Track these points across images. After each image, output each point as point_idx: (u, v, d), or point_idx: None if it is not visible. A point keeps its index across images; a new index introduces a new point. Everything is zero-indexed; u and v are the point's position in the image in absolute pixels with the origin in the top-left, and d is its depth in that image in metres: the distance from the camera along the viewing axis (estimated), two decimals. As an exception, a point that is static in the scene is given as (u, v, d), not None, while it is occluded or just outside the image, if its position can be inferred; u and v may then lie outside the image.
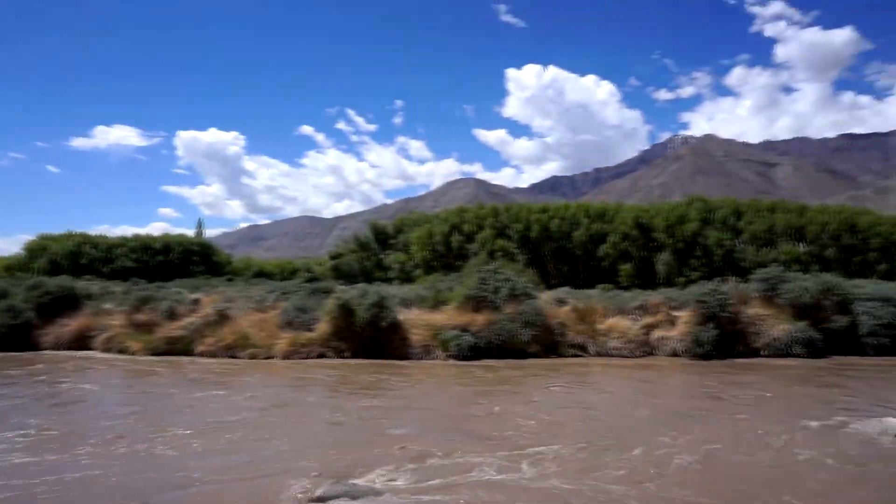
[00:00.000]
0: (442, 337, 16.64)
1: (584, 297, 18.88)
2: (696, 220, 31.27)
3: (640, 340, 17.17)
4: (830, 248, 31.35)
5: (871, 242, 31.23)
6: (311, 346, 16.99)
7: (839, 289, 17.62)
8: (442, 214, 36.48)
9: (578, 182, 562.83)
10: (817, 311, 17.26)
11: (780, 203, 35.57)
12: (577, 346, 17.14)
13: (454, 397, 12.12)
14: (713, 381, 13.41)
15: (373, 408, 10.83)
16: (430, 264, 30.59)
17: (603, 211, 33.74)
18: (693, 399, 11.90)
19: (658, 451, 8.04)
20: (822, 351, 16.56)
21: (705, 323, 16.68)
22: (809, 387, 12.90)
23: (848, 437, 8.68)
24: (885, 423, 9.04)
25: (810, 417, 9.77)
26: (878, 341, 16.71)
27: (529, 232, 31.83)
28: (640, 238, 31.27)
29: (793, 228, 32.00)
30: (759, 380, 13.63)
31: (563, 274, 31.21)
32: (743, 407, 10.79)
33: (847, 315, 17.12)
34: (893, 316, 17.03)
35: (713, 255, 29.86)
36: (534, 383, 13.39)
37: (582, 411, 10.47)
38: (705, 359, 16.09)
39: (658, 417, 10.00)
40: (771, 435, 8.79)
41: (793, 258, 29.50)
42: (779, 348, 16.51)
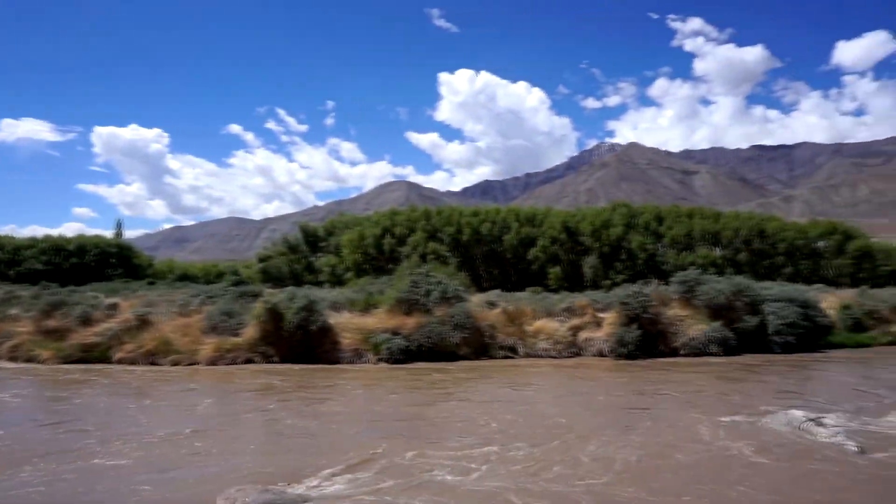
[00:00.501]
0: (373, 340, 16.49)
1: (514, 300, 19.18)
2: (620, 225, 32.43)
3: (567, 341, 17.59)
4: (742, 252, 33.30)
5: (778, 247, 33.40)
6: (238, 351, 16.45)
7: (750, 290, 18.66)
8: (374, 217, 36.24)
9: (509, 186, 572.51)
10: (730, 311, 18.21)
11: (698, 209, 37.48)
12: (507, 348, 17.37)
13: (388, 401, 12.01)
14: (638, 380, 13.90)
15: (307, 413, 10.60)
16: (362, 267, 30.33)
17: (533, 215, 34.49)
18: (622, 398, 12.27)
19: (597, 448, 8.27)
20: (735, 349, 17.48)
21: (629, 324, 17.28)
22: (725, 384, 13.56)
23: (760, 429, 9.18)
24: (789, 416, 9.65)
25: (728, 412, 10.28)
26: (783, 339, 17.81)
27: (461, 235, 32.10)
28: (568, 242, 32.13)
29: (709, 233, 33.77)
30: (679, 378, 14.23)
31: (494, 277, 31.66)
32: (667, 404, 11.25)
33: (757, 315, 18.14)
34: (797, 315, 18.21)
35: (636, 259, 31.04)
36: (467, 385, 13.48)
37: (518, 412, 10.59)
38: (629, 358, 16.65)
39: (592, 416, 10.27)
40: (696, 429, 9.20)
41: (709, 261, 31.12)
42: (696, 347, 17.31)
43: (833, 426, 9.15)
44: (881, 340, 19.38)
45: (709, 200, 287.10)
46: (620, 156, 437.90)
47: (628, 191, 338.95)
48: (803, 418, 9.50)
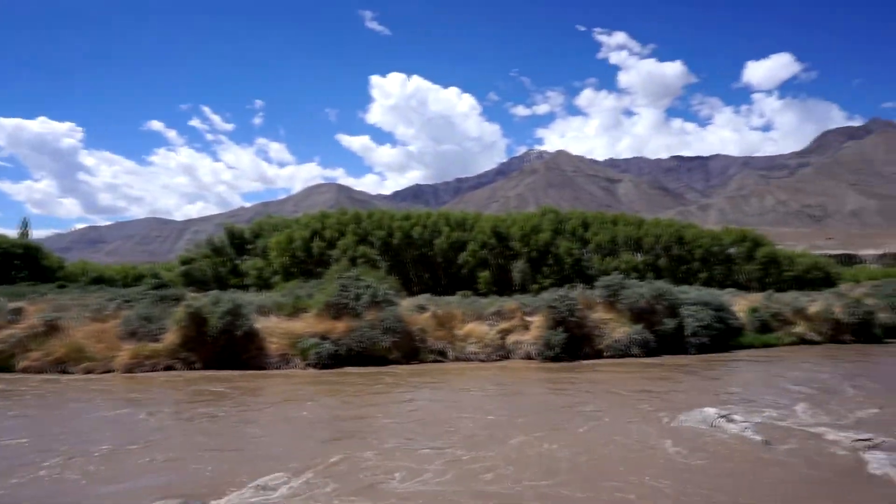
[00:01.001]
0: (301, 345, 16.16)
1: (444, 304, 19.29)
2: (548, 231, 33.22)
3: (496, 345, 17.84)
4: (662, 257, 34.81)
5: (695, 253, 35.15)
6: (158, 357, 15.72)
7: (669, 295, 19.54)
8: (303, 220, 35.56)
9: (440, 191, 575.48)
10: (651, 314, 19.01)
11: (622, 216, 38.92)
12: (437, 352, 17.44)
13: (316, 407, 11.78)
14: (565, 382, 14.26)
15: (231, 422, 10.25)
16: (290, 270, 29.68)
17: (463, 220, 34.82)
18: (551, 398, 12.54)
19: (533, 447, 8.49)
20: (655, 351, 18.25)
21: (556, 327, 17.71)
22: (646, 383, 14.11)
23: (679, 426, 9.65)
24: (704, 413, 10.21)
25: (650, 411, 10.75)
26: (699, 340, 18.77)
27: (392, 239, 32.01)
28: (498, 246, 32.63)
29: (632, 239, 35.11)
30: (604, 379, 14.72)
31: (425, 281, 31.72)
32: (594, 404, 11.60)
33: (675, 318, 19.02)
34: (711, 318, 19.25)
35: (564, 264, 31.85)
36: (399, 389, 13.42)
37: (452, 414, 10.65)
38: (555, 361, 17.06)
39: (525, 417, 10.44)
40: (622, 427, 9.57)
41: (632, 266, 32.34)
42: (619, 349, 17.96)
43: (742, 422, 9.73)
44: (785, 340, 20.69)
45: (631, 208, 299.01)
46: (549, 163, 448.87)
47: (556, 197, 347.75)
48: (716, 415, 10.08)
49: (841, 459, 7.99)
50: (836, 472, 7.50)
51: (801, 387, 13.12)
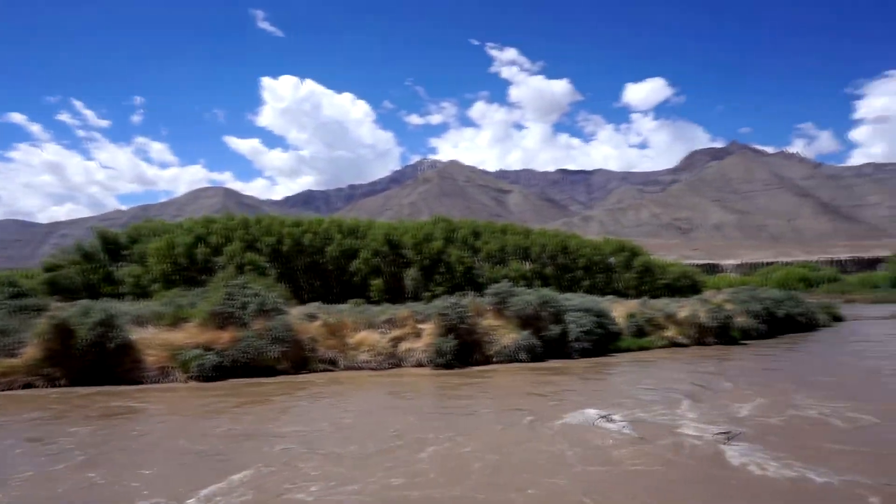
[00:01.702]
0: (182, 357, 15.29)
1: (336, 312, 19.00)
2: (440, 239, 33.65)
3: (388, 353, 17.81)
4: (549, 266, 36.32)
5: (578, 262, 36.98)
6: (14, 374, 14.25)
7: (554, 302, 20.43)
8: (186, 224, 33.66)
9: (332, 197, 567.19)
10: (538, 321, 19.78)
11: (511, 226, 40.22)
12: (328, 361, 17.14)
13: (199, 424, 11.17)
14: (457, 388, 14.48)
15: (96, 447, 9.48)
16: (171, 278, 27.98)
17: (356, 227, 34.51)
18: (446, 404, 12.68)
19: (432, 454, 8.50)
20: (541, 356, 18.99)
21: (447, 334, 17.98)
22: (533, 387, 14.64)
23: (565, 427, 10.11)
24: (586, 415, 10.81)
25: (536, 413, 11.16)
26: (581, 345, 19.77)
27: (282, 245, 31.09)
28: (391, 254, 32.62)
29: (520, 248, 36.36)
30: (494, 384, 15.11)
31: (316, 289, 31.07)
32: (486, 409, 11.87)
33: (560, 324, 19.92)
34: (593, 324, 20.36)
35: (455, 272, 32.37)
36: (288, 400, 13.02)
37: (346, 424, 10.47)
38: (447, 368, 17.30)
39: (420, 424, 10.46)
40: (511, 430, 9.85)
41: (520, 275, 33.45)
42: (507, 355, 18.52)
43: (620, 421, 10.39)
44: (658, 344, 22.25)
45: (521, 218, 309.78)
46: (442, 172, 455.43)
47: (449, 206, 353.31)
48: (596, 416, 10.70)
49: (703, 451, 8.73)
50: (699, 463, 8.18)
51: (671, 386, 14.17)
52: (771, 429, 10.02)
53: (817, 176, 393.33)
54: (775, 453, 8.55)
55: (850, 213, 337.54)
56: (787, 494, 7.04)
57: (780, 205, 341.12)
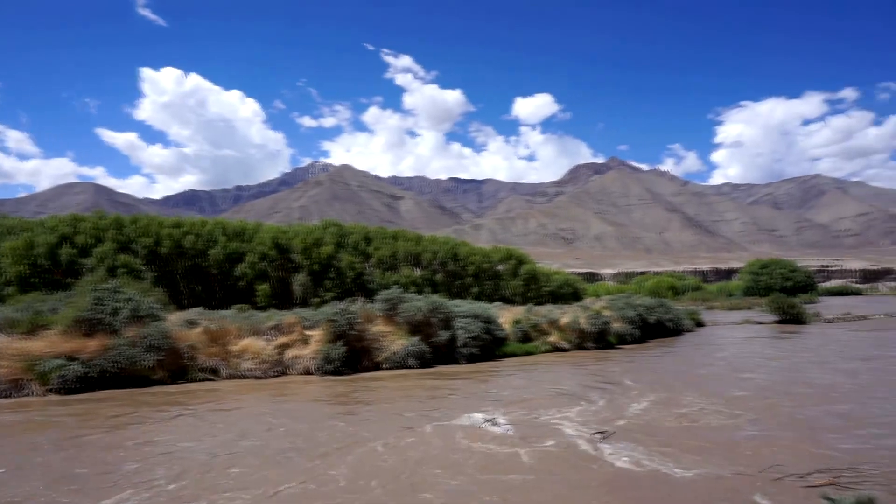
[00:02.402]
0: (40, 368, 13.94)
1: (219, 318, 18.13)
2: (331, 244, 33.14)
3: (274, 360, 17.25)
4: (439, 272, 36.81)
5: (468, 269, 37.78)
6: None
7: (444, 308, 20.73)
8: (49, 222, 30.74)
9: (218, 198, 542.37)
10: (428, 327, 19.97)
11: (402, 232, 40.38)
12: (209, 370, 16.31)
13: (59, 443, 10.20)
14: (347, 395, 14.27)
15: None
16: (29, 281, 25.45)
17: (242, 229, 33.17)
18: (336, 412, 12.44)
19: (335, 463, 8.28)
20: (430, 361, 19.18)
21: (335, 341, 17.71)
22: (421, 393, 14.75)
23: (454, 430, 10.27)
24: (472, 418, 11.07)
25: (423, 418, 11.25)
26: (469, 351, 20.19)
27: (160, 248, 29.23)
28: (279, 259, 31.67)
29: (411, 255, 36.58)
30: (382, 390, 15.04)
31: (197, 294, 29.51)
32: (372, 415, 11.78)
33: (449, 330, 20.23)
34: (481, 329, 20.85)
35: (345, 277, 31.99)
36: (163, 413, 12.21)
37: (234, 437, 9.98)
38: (336, 374, 17.03)
39: (317, 432, 10.18)
40: (397, 435, 9.84)
41: (411, 281, 33.64)
42: (397, 361, 18.54)
43: (504, 424, 10.73)
44: (542, 349, 23.17)
45: (412, 224, 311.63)
46: (333, 176, 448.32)
47: (340, 210, 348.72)
48: (482, 419, 10.97)
49: (583, 449, 9.22)
50: (577, 461, 8.63)
51: (553, 389, 14.81)
52: (644, 427, 10.75)
53: (684, 193, 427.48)
54: (649, 449, 9.19)
55: (712, 228, 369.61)
56: (657, 487, 7.59)
57: (652, 218, 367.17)
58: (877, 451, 9.18)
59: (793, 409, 12.28)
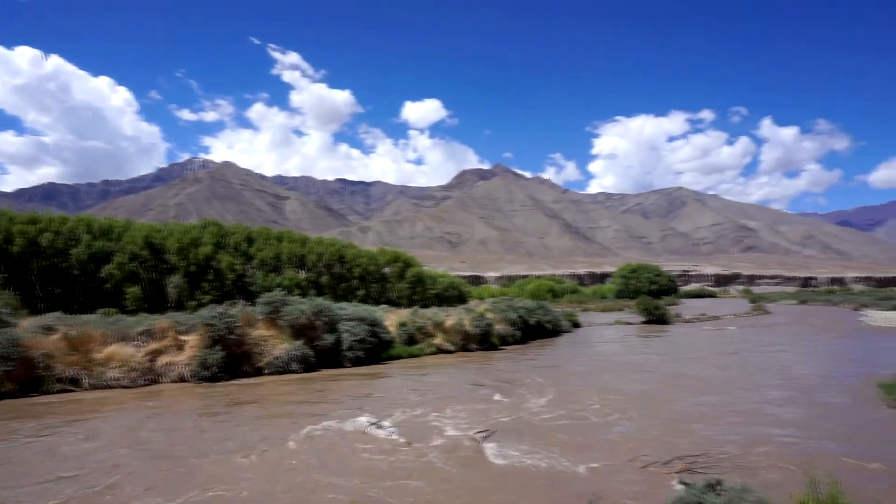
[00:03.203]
0: None
1: (81, 323, 16.69)
2: (210, 244, 31.59)
3: (144, 368, 16.17)
4: (325, 275, 36.20)
5: (354, 271, 37.46)
6: None
7: (328, 311, 20.42)
8: None
9: (82, 193, 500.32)
10: (312, 330, 19.58)
11: (287, 233, 39.28)
12: (68, 380, 14.96)
13: None
14: (224, 402, 13.65)
15: None
16: None
17: (109, 227, 30.74)
18: (205, 422, 11.84)
19: (220, 475, 7.80)
20: (314, 366, 18.82)
21: (213, 346, 16.91)
22: (304, 398, 14.42)
23: (337, 434, 10.15)
24: (357, 422, 11.02)
25: (306, 424, 11.02)
26: (354, 354, 20.02)
27: (11, 246, 26.44)
28: (151, 259, 29.71)
29: (296, 256, 35.69)
30: (263, 396, 14.54)
31: (56, 297, 26.98)
32: (253, 421, 11.35)
33: (334, 333, 19.96)
34: (366, 333, 20.75)
35: (225, 279, 30.63)
36: (14, 434, 11.05)
37: (106, 453, 9.20)
38: (212, 381, 16.25)
39: (188, 443, 9.61)
40: (278, 443, 9.55)
41: (295, 283, 32.82)
42: (279, 366, 18.01)
43: (389, 427, 10.77)
44: (427, 351, 23.43)
45: (298, 226, 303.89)
46: (214, 173, 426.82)
47: (221, 210, 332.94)
48: (367, 423, 10.95)
49: (467, 449, 9.46)
50: (461, 461, 8.84)
51: (437, 391, 15.05)
52: (525, 424, 11.21)
53: (564, 200, 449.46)
54: (529, 446, 9.60)
55: (588, 234, 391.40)
56: (536, 481, 7.96)
57: (534, 224, 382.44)
58: (729, 437, 10.18)
59: (662, 403, 13.32)
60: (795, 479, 7.09)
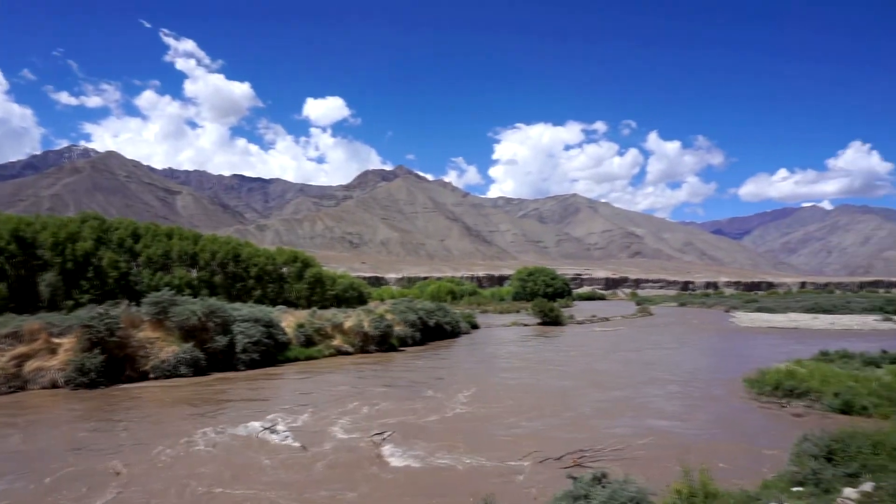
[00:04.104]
0: None
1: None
2: (90, 240, 29.37)
3: (9, 374, 14.79)
4: (219, 274, 34.67)
5: (251, 271, 36.16)
6: None
7: (222, 311, 19.59)
8: None
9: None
10: (203, 332, 18.70)
11: (178, 230, 37.24)
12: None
13: None
14: (102, 409, 12.74)
15: None
16: None
17: (-30, 219, 27.80)
18: (85, 430, 10.97)
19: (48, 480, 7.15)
20: (205, 369, 17.98)
21: (91, 349, 15.75)
22: (192, 403, 13.74)
23: (229, 440, 9.77)
24: (249, 427, 10.66)
25: (199, 429, 10.53)
26: (249, 357, 19.33)
27: None
28: (20, 254, 27.17)
29: (188, 254, 33.91)
30: (148, 401, 13.71)
31: None
32: (133, 430, 10.66)
33: (227, 335, 19.16)
34: (262, 334, 20.09)
35: (107, 278, 28.61)
36: None
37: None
38: (91, 387, 15.14)
39: (60, 455, 8.82)
40: (165, 451, 9.01)
41: (186, 283, 31.20)
42: (166, 370, 17.06)
43: (283, 431, 10.49)
44: (325, 353, 23.02)
45: (190, 222, 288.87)
46: (97, 163, 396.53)
47: (104, 203, 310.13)
48: (260, 427, 10.60)
49: (364, 452, 9.39)
50: (358, 463, 8.77)
51: (334, 394, 14.84)
52: (422, 425, 11.28)
53: (464, 204, 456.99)
54: (426, 446, 9.66)
55: (488, 238, 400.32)
56: (435, 479, 8.02)
57: (435, 226, 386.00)
58: (620, 430, 10.77)
59: (560, 400, 13.85)
60: (673, 468, 7.62)
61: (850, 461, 6.69)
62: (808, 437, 7.57)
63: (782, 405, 13.00)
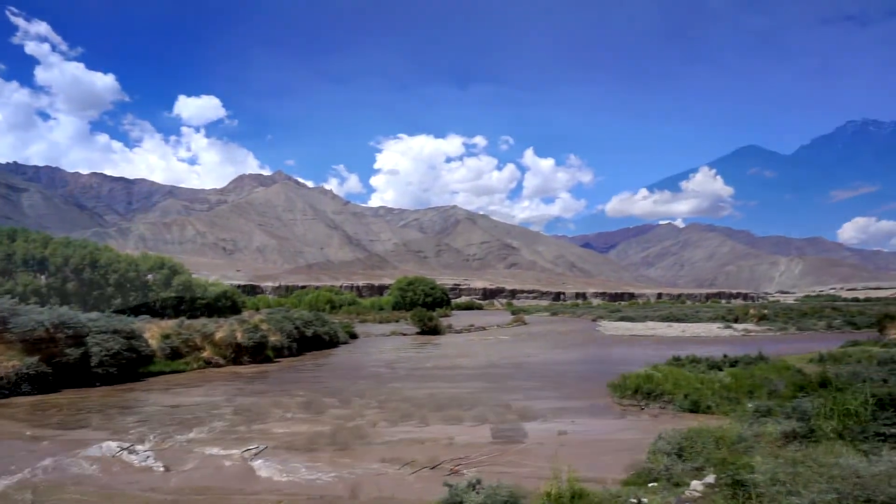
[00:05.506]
0: None
1: None
2: (-88, 240, 25.79)
3: None
4: (72, 280, 31.74)
5: (110, 277, 33.46)
6: None
7: (75, 322, 17.89)
8: None
9: None
10: (52, 344, 16.97)
11: (23, 231, 33.76)
12: None
13: None
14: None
15: None
16: None
17: None
18: None
19: None
20: (54, 385, 16.31)
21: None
22: (34, 425, 12.41)
23: (80, 462, 8.90)
24: (104, 448, 9.80)
25: (44, 452, 9.51)
26: (106, 371, 17.80)
27: None
28: None
29: (35, 259, 30.75)
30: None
31: None
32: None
33: (80, 347, 17.53)
34: (121, 346, 18.58)
35: (-67, 284, 25.22)
36: None
37: None
38: None
39: None
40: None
41: (32, 290, 28.24)
42: (4, 388, 15.27)
43: (144, 452, 9.74)
44: (193, 366, 21.74)
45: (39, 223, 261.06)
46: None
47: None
48: (117, 448, 9.78)
49: (235, 469, 8.94)
50: (229, 482, 8.33)
51: (201, 409, 14.02)
52: (295, 439, 10.93)
53: (345, 212, 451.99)
54: (301, 459, 9.36)
55: (368, 247, 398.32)
56: (314, 493, 7.79)
57: (314, 234, 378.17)
58: (497, 436, 11.04)
59: (441, 406, 13.96)
60: (544, 470, 7.95)
61: (697, 456, 7.40)
62: (662, 436, 8.29)
63: (641, 407, 14.02)
